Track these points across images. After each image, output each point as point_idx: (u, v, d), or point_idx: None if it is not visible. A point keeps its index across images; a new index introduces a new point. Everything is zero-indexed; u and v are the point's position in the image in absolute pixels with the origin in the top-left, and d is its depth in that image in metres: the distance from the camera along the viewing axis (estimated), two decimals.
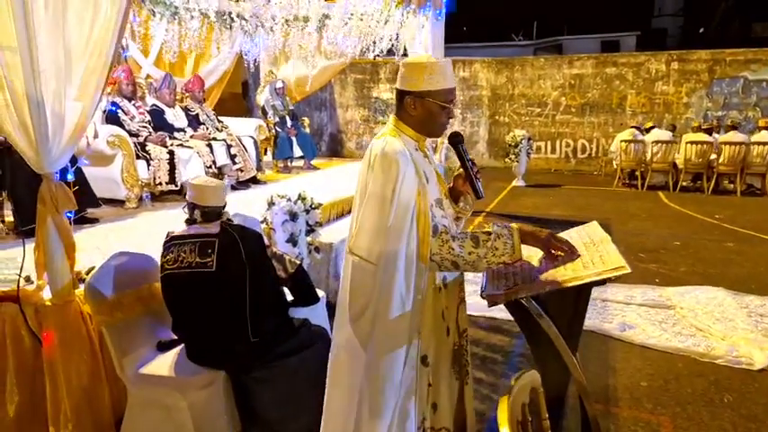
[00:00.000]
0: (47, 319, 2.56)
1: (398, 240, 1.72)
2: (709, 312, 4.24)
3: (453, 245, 1.75)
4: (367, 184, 1.81)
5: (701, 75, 11.21)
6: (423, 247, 1.74)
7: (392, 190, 1.72)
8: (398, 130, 1.87)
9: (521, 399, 1.37)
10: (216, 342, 2.39)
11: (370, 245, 1.77)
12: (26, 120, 2.33)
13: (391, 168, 1.74)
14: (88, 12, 2.44)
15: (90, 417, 2.59)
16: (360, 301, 1.82)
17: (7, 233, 3.81)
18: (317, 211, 3.80)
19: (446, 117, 1.85)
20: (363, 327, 1.81)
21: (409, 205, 1.73)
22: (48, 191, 2.48)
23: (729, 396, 3.14)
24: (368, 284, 1.78)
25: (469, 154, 2.03)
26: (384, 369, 1.78)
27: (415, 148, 1.86)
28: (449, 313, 1.93)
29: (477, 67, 12.65)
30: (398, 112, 1.89)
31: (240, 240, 2.34)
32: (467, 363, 2.01)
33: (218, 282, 2.31)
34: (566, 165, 12.29)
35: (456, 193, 2.04)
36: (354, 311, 1.84)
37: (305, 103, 11.46)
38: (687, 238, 6.55)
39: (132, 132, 5.05)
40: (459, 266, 1.78)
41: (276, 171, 7.19)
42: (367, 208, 1.80)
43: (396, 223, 1.72)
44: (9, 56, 2.24)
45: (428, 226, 1.75)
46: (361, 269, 1.81)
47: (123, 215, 4.61)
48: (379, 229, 1.75)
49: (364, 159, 1.86)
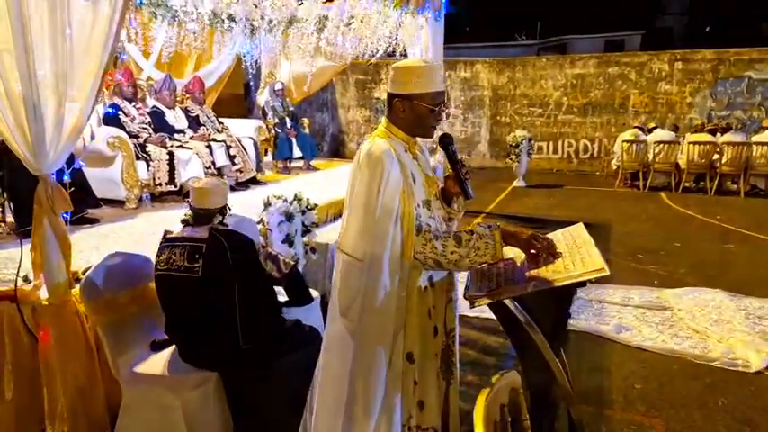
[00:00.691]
0: (43, 319, 2.59)
1: (383, 238, 1.78)
2: (707, 314, 4.24)
3: (436, 243, 1.79)
4: (354, 184, 1.88)
5: (705, 74, 11.16)
6: (407, 246, 1.79)
7: (377, 189, 1.78)
8: (389, 132, 1.93)
9: (499, 399, 1.38)
10: (206, 345, 2.41)
11: (356, 242, 1.84)
12: (22, 121, 2.36)
13: (376, 168, 1.80)
14: (88, 14, 2.48)
15: (85, 415, 2.62)
16: (348, 295, 1.89)
17: (8, 233, 3.86)
18: (312, 212, 3.82)
19: (434, 119, 1.90)
20: (351, 320, 1.88)
21: (393, 204, 1.78)
22: (44, 192, 2.51)
23: (724, 399, 3.14)
24: (355, 280, 1.85)
25: (461, 154, 2.06)
26: (369, 363, 1.84)
27: (404, 149, 1.92)
28: (436, 312, 1.96)
29: (478, 67, 12.64)
30: (389, 115, 1.95)
31: (228, 247, 2.34)
32: (453, 363, 2.03)
33: (205, 288, 2.33)
34: (567, 165, 12.26)
35: (448, 194, 2.07)
36: (342, 306, 1.92)
37: (306, 104, 11.48)
38: (688, 239, 6.53)
39: (132, 134, 5.10)
40: (442, 265, 1.83)
41: (276, 172, 7.22)
42: (353, 207, 1.87)
43: (380, 221, 1.78)
44: (6, 58, 2.28)
45: (412, 225, 1.80)
46: (348, 265, 1.88)
47: (123, 215, 4.66)
48: (364, 227, 1.82)
49: (354, 160, 1.93)
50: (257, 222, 3.65)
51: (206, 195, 2.47)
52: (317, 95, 11.34)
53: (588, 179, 11.23)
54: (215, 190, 2.50)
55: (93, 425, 2.65)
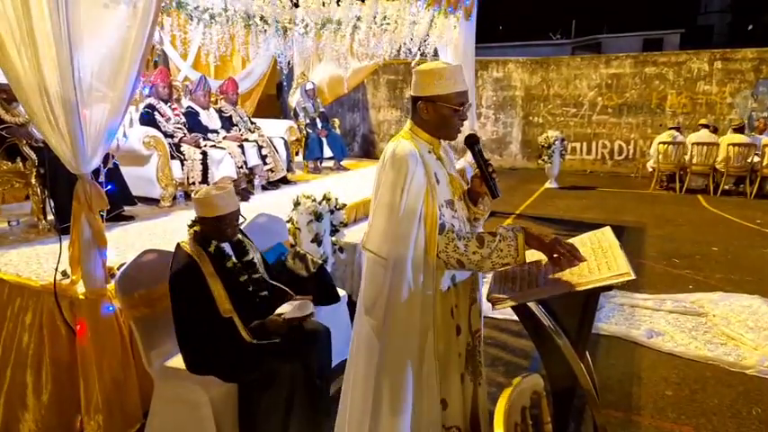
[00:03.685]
0: (80, 312, 2.69)
1: (406, 238, 1.79)
2: (743, 321, 4.12)
3: (458, 243, 1.80)
4: (380, 184, 1.91)
5: (746, 74, 10.82)
6: (430, 245, 1.81)
7: (401, 190, 1.80)
8: (413, 133, 1.96)
9: (520, 402, 1.38)
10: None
11: (381, 241, 1.87)
12: (61, 122, 2.45)
13: (401, 169, 1.82)
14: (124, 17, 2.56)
15: (120, 407, 2.71)
16: (372, 293, 1.92)
17: (49, 230, 4.01)
18: (341, 211, 3.85)
19: (458, 119, 1.91)
20: (376, 317, 1.90)
21: (417, 204, 1.80)
22: (82, 190, 2.61)
23: (758, 408, 3.05)
24: (380, 278, 1.87)
25: (489, 154, 2.05)
26: (395, 362, 1.86)
27: (428, 150, 1.94)
28: (458, 312, 1.96)
29: (510, 67, 12.51)
30: (413, 117, 1.97)
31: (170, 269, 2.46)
32: (480, 363, 2.03)
33: None
34: (601, 166, 12.04)
35: (474, 194, 2.07)
36: (367, 303, 1.95)
37: (338, 104, 11.57)
38: (725, 243, 6.35)
39: (167, 133, 5.23)
40: (464, 265, 1.83)
41: (306, 172, 7.30)
42: (377, 206, 1.90)
43: (403, 221, 1.80)
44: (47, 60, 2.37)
45: (435, 224, 1.81)
46: (373, 263, 1.92)
47: (158, 213, 4.79)
48: (388, 226, 1.84)
49: (379, 160, 1.97)
50: (287, 221, 3.70)
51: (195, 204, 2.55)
52: (348, 96, 11.39)
53: (622, 181, 11.00)
54: (199, 199, 2.52)
55: (127, 417, 2.74)
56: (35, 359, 2.81)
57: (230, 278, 2.46)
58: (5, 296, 2.97)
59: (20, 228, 4.18)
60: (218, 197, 2.43)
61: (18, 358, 2.84)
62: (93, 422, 2.65)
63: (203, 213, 2.46)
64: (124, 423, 2.71)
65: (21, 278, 3.00)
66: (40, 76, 2.39)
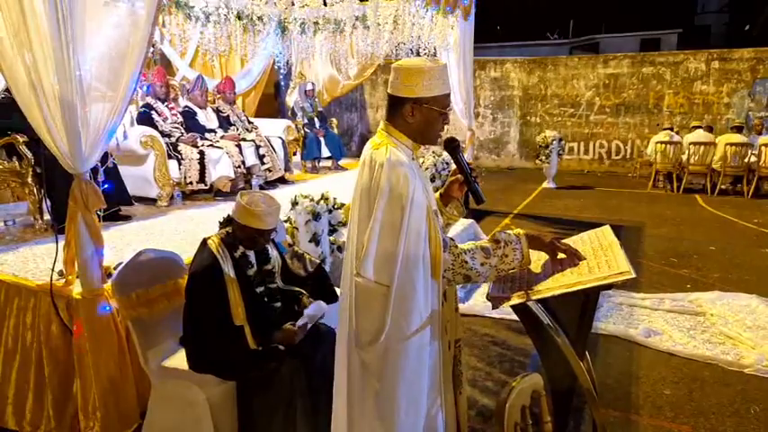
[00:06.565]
0: (77, 312, 2.68)
1: (416, 260, 1.64)
2: (741, 320, 4.12)
3: (465, 257, 1.70)
4: (367, 194, 1.69)
5: (743, 74, 10.86)
6: (437, 266, 1.68)
7: (401, 209, 1.63)
8: (394, 138, 1.74)
9: (520, 401, 1.38)
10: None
11: (381, 266, 1.66)
12: (59, 121, 2.44)
13: (400, 184, 1.63)
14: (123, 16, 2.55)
15: (116, 407, 2.69)
16: (372, 326, 1.69)
17: (46, 229, 3.99)
18: (339, 211, 3.85)
19: (442, 124, 1.76)
20: (378, 352, 1.70)
21: (421, 223, 1.65)
22: (78, 189, 2.59)
23: (756, 407, 3.05)
24: (379, 308, 1.67)
25: (466, 156, 1.97)
26: (412, 393, 1.70)
27: (411, 157, 1.75)
28: (451, 327, 1.86)
29: (508, 66, 12.53)
30: (392, 119, 1.76)
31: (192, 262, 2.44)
32: (461, 372, 1.96)
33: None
34: (599, 166, 12.07)
35: (446, 198, 1.97)
36: (367, 338, 1.71)
37: (336, 104, 11.55)
38: (723, 243, 6.36)
39: (165, 133, 5.22)
40: (470, 279, 1.73)
41: (304, 171, 7.30)
42: (373, 229, 1.66)
43: (410, 243, 1.63)
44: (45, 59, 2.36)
45: (439, 242, 1.68)
46: (368, 292, 1.69)
47: (155, 213, 4.77)
48: (391, 250, 1.64)
49: (363, 169, 1.74)
50: (284, 221, 3.69)
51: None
52: (345, 95, 11.39)
53: (620, 180, 11.02)
54: (237, 209, 2.49)
55: (124, 417, 2.73)
56: (37, 358, 2.80)
57: (248, 287, 2.44)
58: (3, 296, 2.96)
59: (16, 227, 4.17)
60: (268, 214, 2.38)
61: (23, 357, 2.84)
62: (91, 422, 2.64)
63: (246, 222, 2.38)
64: (121, 423, 2.70)
65: (17, 278, 2.99)
66: (36, 75, 2.37)
